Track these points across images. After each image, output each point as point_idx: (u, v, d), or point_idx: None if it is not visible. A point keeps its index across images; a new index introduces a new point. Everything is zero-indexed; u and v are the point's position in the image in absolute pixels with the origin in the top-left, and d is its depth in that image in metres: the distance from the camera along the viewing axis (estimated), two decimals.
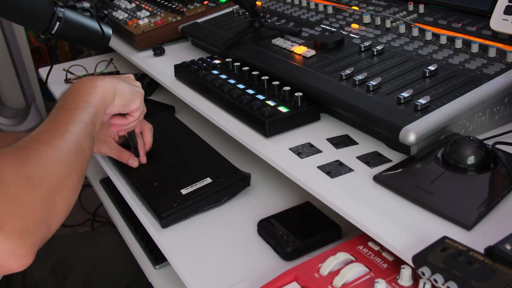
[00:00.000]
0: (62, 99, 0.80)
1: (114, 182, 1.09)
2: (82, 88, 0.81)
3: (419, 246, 0.58)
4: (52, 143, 0.69)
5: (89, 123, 0.77)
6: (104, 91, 0.84)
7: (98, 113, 0.80)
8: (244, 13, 1.35)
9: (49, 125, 0.73)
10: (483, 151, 0.70)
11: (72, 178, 0.69)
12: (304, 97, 0.91)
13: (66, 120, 0.74)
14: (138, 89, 0.95)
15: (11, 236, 0.57)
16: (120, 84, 0.89)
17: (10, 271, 0.59)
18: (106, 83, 0.85)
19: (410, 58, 0.93)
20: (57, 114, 0.76)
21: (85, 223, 2.21)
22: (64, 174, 0.67)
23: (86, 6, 1.12)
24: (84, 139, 0.74)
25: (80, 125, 0.75)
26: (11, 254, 0.57)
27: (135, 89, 0.93)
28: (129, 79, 0.97)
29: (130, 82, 0.94)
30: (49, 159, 0.66)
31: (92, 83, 0.83)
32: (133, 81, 0.97)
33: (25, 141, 0.69)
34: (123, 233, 1.16)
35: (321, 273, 0.67)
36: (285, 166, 0.81)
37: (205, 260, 0.82)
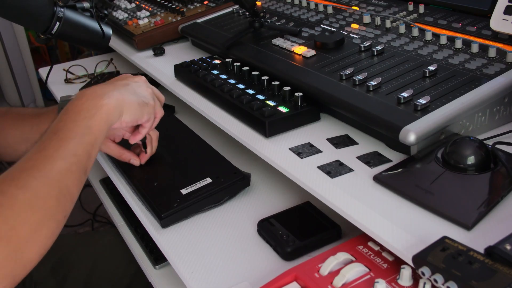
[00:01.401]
0: (60, 120, 0.73)
1: (114, 182, 1.09)
2: (85, 109, 0.74)
3: (419, 246, 0.58)
4: (31, 187, 0.62)
5: (83, 156, 0.70)
6: (109, 112, 0.76)
7: (97, 140, 0.74)
8: (244, 13, 1.35)
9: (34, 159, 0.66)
10: (483, 151, 0.70)
11: (49, 225, 0.63)
12: (304, 97, 0.91)
13: (56, 153, 0.67)
14: (148, 100, 0.87)
15: None
16: (129, 97, 0.82)
17: None
18: (113, 101, 0.77)
19: (410, 58, 0.93)
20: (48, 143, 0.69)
21: (85, 223, 2.21)
22: (39, 223, 0.62)
23: (86, 6, 1.12)
24: (73, 176, 0.68)
25: (71, 160, 0.68)
26: None
27: (144, 102, 0.85)
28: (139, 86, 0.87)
29: (139, 92, 0.86)
30: (24, 207, 0.61)
31: (97, 103, 0.75)
32: (143, 89, 0.88)
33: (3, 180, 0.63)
34: (123, 233, 1.16)
35: (321, 273, 0.67)
36: (285, 166, 0.81)
37: (205, 260, 0.82)
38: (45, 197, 0.63)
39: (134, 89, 0.85)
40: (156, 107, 0.90)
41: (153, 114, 0.89)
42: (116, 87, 0.81)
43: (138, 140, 0.95)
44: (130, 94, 0.83)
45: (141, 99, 0.85)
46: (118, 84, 0.83)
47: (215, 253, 0.84)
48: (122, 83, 0.84)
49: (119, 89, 0.81)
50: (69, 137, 0.69)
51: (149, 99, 0.87)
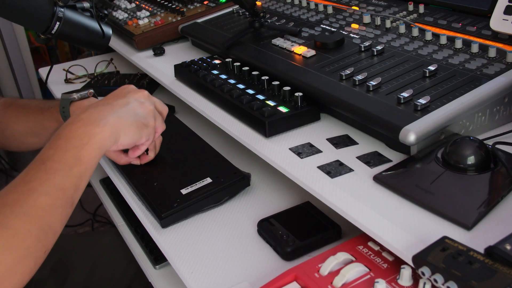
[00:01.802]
0: (49, 147, 0.68)
1: (114, 182, 1.09)
2: (77, 137, 0.69)
3: (419, 246, 0.58)
4: (11, 226, 0.60)
5: (70, 189, 0.66)
6: (103, 140, 0.72)
7: (87, 170, 0.69)
8: (244, 13, 1.35)
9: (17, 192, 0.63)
10: (483, 151, 0.70)
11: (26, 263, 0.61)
12: (304, 97, 0.91)
13: (40, 187, 0.63)
14: (148, 121, 0.82)
15: None
16: (126, 121, 0.77)
17: None
18: (108, 128, 0.72)
19: (410, 58, 0.93)
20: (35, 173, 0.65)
21: (85, 223, 2.21)
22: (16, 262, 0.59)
23: (86, 6, 1.12)
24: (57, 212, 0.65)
25: (56, 195, 0.64)
26: None
27: (143, 124, 0.81)
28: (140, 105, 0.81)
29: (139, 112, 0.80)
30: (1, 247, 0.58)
31: (91, 130, 0.70)
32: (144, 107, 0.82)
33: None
34: (123, 233, 1.16)
35: (321, 273, 0.67)
36: (285, 166, 0.81)
37: (205, 260, 0.82)
38: (25, 236, 0.61)
39: (134, 109, 0.80)
40: (157, 123, 0.86)
41: (153, 134, 0.85)
42: (114, 108, 0.77)
43: (137, 155, 0.93)
44: (128, 116, 0.78)
45: (140, 121, 0.80)
46: (116, 105, 0.78)
47: (215, 253, 0.84)
48: (121, 103, 0.79)
49: (117, 111, 0.76)
50: (56, 169, 0.66)
51: (149, 120, 0.82)
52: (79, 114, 0.73)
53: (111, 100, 0.79)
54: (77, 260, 1.22)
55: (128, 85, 0.86)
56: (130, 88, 0.85)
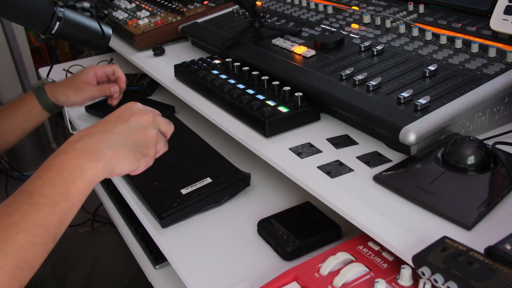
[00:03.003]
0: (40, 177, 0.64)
1: (114, 182, 1.09)
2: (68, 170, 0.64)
3: (419, 246, 0.58)
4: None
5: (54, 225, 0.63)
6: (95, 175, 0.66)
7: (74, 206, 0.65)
8: (244, 13, 1.35)
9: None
10: (483, 151, 0.70)
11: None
12: (304, 97, 0.91)
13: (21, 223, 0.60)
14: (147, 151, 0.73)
15: None
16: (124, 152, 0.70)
17: None
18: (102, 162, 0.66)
19: (410, 58, 0.93)
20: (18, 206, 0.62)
21: (85, 223, 2.21)
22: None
23: (86, 6, 1.12)
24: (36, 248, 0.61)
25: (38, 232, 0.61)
26: None
27: (141, 154, 0.73)
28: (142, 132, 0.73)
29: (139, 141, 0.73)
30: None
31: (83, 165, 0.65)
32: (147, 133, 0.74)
33: None
34: (123, 233, 1.16)
35: (321, 273, 0.67)
36: (285, 166, 0.81)
37: (205, 260, 0.82)
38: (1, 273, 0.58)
39: (134, 138, 0.72)
40: (158, 147, 0.77)
41: (152, 161, 0.76)
42: (113, 137, 0.70)
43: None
44: (127, 146, 0.71)
45: (140, 150, 0.72)
46: (116, 133, 0.71)
47: (215, 253, 0.84)
48: (121, 129, 0.72)
49: (115, 142, 0.69)
50: (41, 204, 0.62)
51: (149, 149, 0.74)
52: (74, 143, 0.67)
53: (111, 125, 0.72)
54: (77, 260, 1.22)
55: (133, 105, 0.76)
56: (134, 109, 0.75)
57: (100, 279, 1.20)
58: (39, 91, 1.22)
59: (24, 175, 2.70)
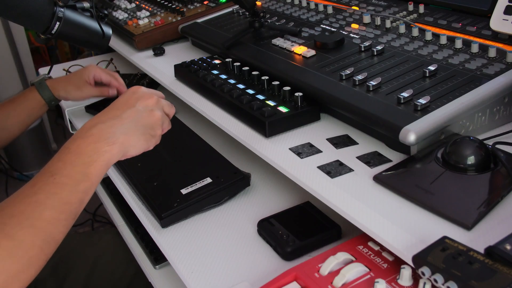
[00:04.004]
0: (58, 160, 0.70)
1: (114, 182, 1.09)
2: (87, 153, 0.70)
3: (419, 246, 0.58)
4: (17, 236, 0.62)
5: (76, 203, 0.68)
6: (111, 157, 0.72)
7: (93, 185, 0.71)
8: (244, 13, 1.36)
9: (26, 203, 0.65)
10: (483, 151, 0.70)
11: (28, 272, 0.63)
12: (304, 97, 0.91)
13: (47, 201, 0.65)
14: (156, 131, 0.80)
15: None
16: (134, 135, 0.76)
17: None
18: (117, 146, 0.72)
19: (410, 58, 0.93)
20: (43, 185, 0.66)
21: (85, 223, 2.21)
22: (18, 271, 0.62)
23: (86, 6, 1.12)
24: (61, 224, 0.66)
25: (62, 209, 0.66)
26: None
27: (150, 135, 0.79)
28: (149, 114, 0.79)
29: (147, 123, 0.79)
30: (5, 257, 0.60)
31: (100, 148, 0.71)
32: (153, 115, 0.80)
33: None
34: (123, 233, 1.16)
35: (321, 273, 0.67)
36: (285, 166, 0.81)
37: (205, 260, 0.82)
38: (29, 247, 0.63)
39: (142, 121, 0.78)
40: (164, 125, 0.83)
41: (159, 140, 0.83)
42: (123, 122, 0.76)
43: None
44: (137, 129, 0.77)
45: (149, 132, 0.79)
46: (126, 118, 0.76)
47: (215, 253, 0.84)
48: (130, 114, 0.77)
49: (126, 126, 0.76)
50: (64, 184, 0.67)
51: (157, 129, 0.81)
52: (89, 129, 0.73)
53: (120, 111, 0.77)
54: (77, 260, 1.22)
55: (138, 89, 0.82)
56: (140, 93, 0.81)
57: (100, 279, 1.20)
58: (41, 87, 1.25)
59: (24, 175, 2.70)
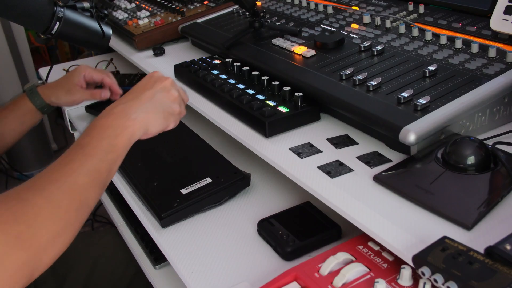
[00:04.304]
0: (87, 134, 0.75)
1: (114, 182, 1.09)
2: (112, 127, 0.76)
3: (419, 246, 0.58)
4: (55, 199, 0.66)
5: (105, 172, 0.73)
6: (134, 131, 0.78)
7: (119, 157, 0.76)
8: (244, 13, 1.35)
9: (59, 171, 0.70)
10: (483, 151, 0.70)
11: (66, 235, 0.67)
12: (304, 97, 0.91)
13: (79, 169, 0.70)
14: (174, 110, 0.85)
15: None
16: (154, 113, 0.81)
17: None
18: (138, 122, 0.78)
19: (410, 58, 0.93)
20: (73, 157, 0.72)
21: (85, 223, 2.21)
22: (58, 233, 0.65)
23: (86, 6, 1.12)
24: (93, 191, 0.71)
25: (93, 176, 0.71)
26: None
27: (169, 113, 0.84)
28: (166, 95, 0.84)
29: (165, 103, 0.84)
30: (46, 218, 0.64)
31: (124, 123, 0.77)
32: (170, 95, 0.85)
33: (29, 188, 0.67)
34: (123, 233, 1.17)
35: (321, 273, 0.67)
36: (285, 166, 0.81)
37: (205, 260, 0.82)
38: (67, 209, 0.67)
39: (160, 101, 0.83)
40: (182, 108, 0.88)
41: (179, 119, 0.88)
42: (142, 102, 0.81)
43: None
44: (156, 108, 0.82)
45: (167, 110, 0.84)
46: (144, 98, 0.82)
47: (215, 253, 0.84)
48: (148, 95, 0.82)
49: (145, 105, 0.81)
50: (93, 154, 0.73)
51: (175, 107, 0.85)
52: (112, 109, 0.79)
53: (139, 93, 0.83)
54: (77, 260, 1.22)
55: (154, 73, 0.88)
56: (156, 76, 0.87)
57: (100, 279, 1.20)
58: (32, 93, 1.23)
59: (24, 175, 2.70)
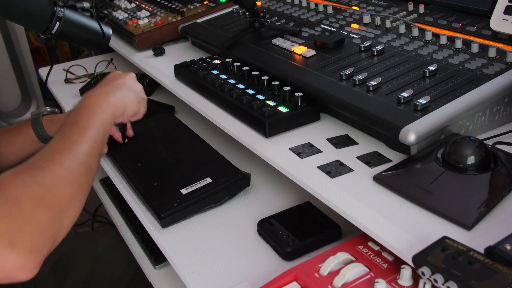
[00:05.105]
0: (76, 113, 0.84)
1: (114, 182, 1.09)
2: (96, 105, 0.85)
3: (419, 246, 0.58)
4: (65, 165, 0.73)
5: (100, 143, 0.82)
6: (116, 109, 0.88)
7: (107, 131, 0.85)
8: (244, 13, 1.35)
9: (62, 143, 0.77)
10: (483, 151, 0.70)
11: (79, 198, 0.75)
12: (304, 97, 0.91)
13: (79, 139, 0.78)
14: (142, 95, 0.99)
15: (23, 253, 0.63)
16: (129, 96, 0.93)
17: (17, 281, 0.64)
18: (118, 100, 0.89)
19: (410, 58, 0.93)
20: (71, 131, 0.80)
21: (85, 223, 2.21)
22: (73, 195, 0.73)
23: (86, 6, 1.12)
24: (94, 158, 0.80)
25: (92, 145, 0.79)
26: (22, 268, 0.64)
27: (140, 97, 0.98)
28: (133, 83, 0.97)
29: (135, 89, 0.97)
30: (62, 181, 0.71)
31: (106, 101, 0.87)
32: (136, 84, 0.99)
33: (40, 159, 0.74)
34: (123, 233, 1.16)
35: (321, 273, 0.67)
36: (285, 166, 0.81)
37: (205, 260, 0.82)
38: (77, 174, 0.75)
39: (130, 88, 0.96)
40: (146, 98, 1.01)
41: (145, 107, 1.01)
42: (117, 88, 0.91)
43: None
44: (129, 92, 0.94)
45: (138, 95, 0.97)
46: (117, 85, 0.93)
47: (215, 253, 0.84)
48: (119, 83, 0.94)
49: (120, 90, 0.92)
50: (87, 127, 0.81)
51: (142, 94, 0.99)
52: (91, 92, 0.88)
53: (110, 82, 0.93)
54: (77, 260, 1.22)
55: (115, 71, 1.01)
56: (118, 73, 0.99)
57: (100, 279, 1.20)
58: (36, 124, 1.18)
59: None
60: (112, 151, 1.12)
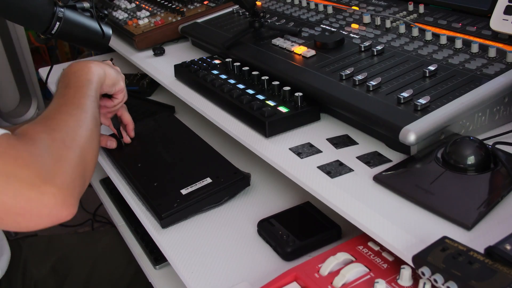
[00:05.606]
0: (63, 80, 0.89)
1: (114, 182, 1.09)
2: (79, 70, 0.91)
3: (419, 246, 0.58)
4: (74, 114, 0.80)
5: (95, 97, 0.88)
6: (97, 72, 0.94)
7: (97, 89, 0.91)
8: (244, 13, 1.35)
9: (62, 100, 0.83)
10: (483, 151, 0.70)
11: (94, 141, 0.80)
12: (304, 97, 0.91)
13: (77, 95, 0.85)
14: (120, 72, 1.06)
15: (62, 188, 0.66)
16: (107, 68, 0.99)
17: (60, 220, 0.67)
18: (97, 66, 0.96)
19: (410, 58, 0.93)
20: (66, 92, 0.85)
21: (85, 223, 2.21)
22: (88, 138, 0.78)
23: (86, 6, 1.12)
24: (95, 110, 0.86)
25: (90, 99, 0.85)
26: (63, 203, 0.66)
27: (118, 72, 1.05)
28: (110, 66, 1.05)
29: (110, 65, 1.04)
30: (75, 126, 0.77)
31: (86, 65, 0.94)
32: (113, 66, 1.06)
33: (49, 113, 0.79)
34: (123, 233, 1.16)
35: (321, 273, 0.67)
36: (285, 166, 0.81)
37: (205, 260, 0.82)
38: (86, 120, 0.80)
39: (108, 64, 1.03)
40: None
41: (124, 91, 1.06)
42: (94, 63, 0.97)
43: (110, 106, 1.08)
44: (106, 65, 1.01)
45: (115, 70, 1.04)
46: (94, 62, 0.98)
47: (215, 253, 0.84)
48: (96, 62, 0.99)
49: (98, 64, 0.98)
50: (79, 86, 0.87)
51: (121, 73, 1.06)
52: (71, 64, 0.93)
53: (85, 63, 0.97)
54: (77, 260, 1.22)
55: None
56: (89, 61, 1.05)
57: (100, 279, 1.20)
58: None
59: None
60: (112, 151, 1.12)
